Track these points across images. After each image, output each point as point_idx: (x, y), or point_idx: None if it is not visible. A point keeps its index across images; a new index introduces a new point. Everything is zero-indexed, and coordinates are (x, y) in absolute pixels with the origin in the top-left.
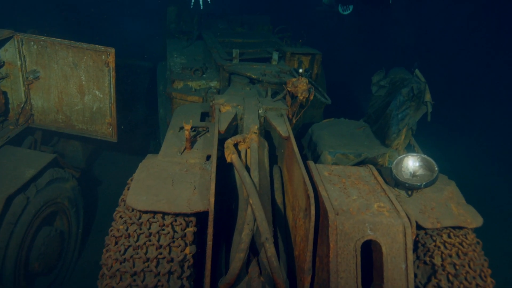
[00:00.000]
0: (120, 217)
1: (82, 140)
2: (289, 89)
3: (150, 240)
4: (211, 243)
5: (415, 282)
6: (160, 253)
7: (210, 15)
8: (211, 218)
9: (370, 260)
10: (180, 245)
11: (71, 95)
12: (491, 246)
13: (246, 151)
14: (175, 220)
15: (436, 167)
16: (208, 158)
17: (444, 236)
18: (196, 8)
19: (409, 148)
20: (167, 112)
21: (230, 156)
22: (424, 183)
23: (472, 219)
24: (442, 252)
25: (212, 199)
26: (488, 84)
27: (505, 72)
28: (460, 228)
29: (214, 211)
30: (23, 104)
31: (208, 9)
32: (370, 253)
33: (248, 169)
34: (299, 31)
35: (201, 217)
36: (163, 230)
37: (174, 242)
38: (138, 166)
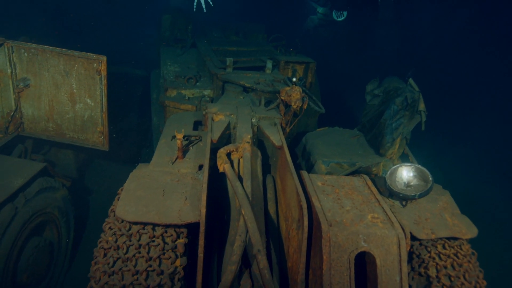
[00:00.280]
0: (109, 228)
1: (74, 149)
2: (282, 98)
3: (139, 252)
4: (202, 255)
5: None
6: (150, 265)
7: (204, 23)
8: (202, 229)
9: (364, 272)
10: (171, 257)
11: (62, 103)
12: (486, 257)
13: (239, 160)
14: (166, 231)
15: (431, 177)
16: (201, 167)
17: (439, 247)
18: (199, 11)
19: (403, 158)
20: (161, 120)
21: (223, 165)
22: (418, 194)
23: (467, 229)
24: (437, 263)
25: (204, 210)
26: (482, 93)
27: (499, 81)
28: (455, 238)
29: (205, 222)
30: (13, 112)
31: (203, 16)
32: (364, 265)
33: (240, 179)
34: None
35: (192, 227)
36: (153, 241)
37: (164, 254)
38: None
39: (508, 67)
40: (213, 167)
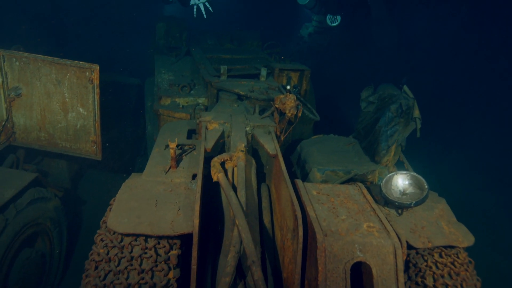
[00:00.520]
0: (101, 240)
1: (67, 158)
2: (277, 106)
3: (131, 265)
4: (195, 267)
5: None
6: (142, 278)
7: (199, 30)
8: (195, 240)
9: (361, 282)
10: (163, 269)
11: (54, 113)
12: (483, 264)
13: (233, 169)
14: (159, 243)
15: (426, 185)
16: (194, 177)
17: (436, 256)
18: (199, 18)
19: (398, 165)
20: (155, 129)
21: (217, 175)
22: (414, 202)
23: (464, 237)
24: (434, 272)
25: (197, 221)
26: (478, 100)
27: (494, 87)
28: (452, 247)
29: (199, 232)
30: (4, 122)
31: (197, 24)
32: (360, 275)
33: (235, 188)
34: (288, 46)
35: (186, 238)
36: (146, 253)
37: (157, 266)
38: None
39: (502, 73)
40: (207, 176)
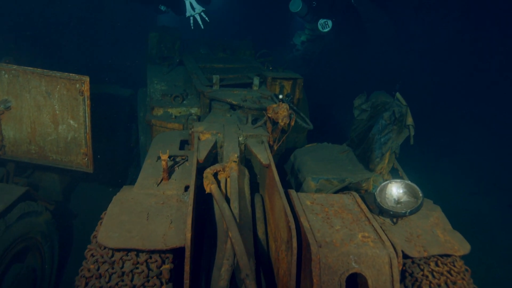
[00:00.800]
0: (91, 255)
1: (59, 171)
2: (269, 115)
3: (123, 280)
4: (188, 281)
5: None
6: None
7: (192, 40)
8: (187, 254)
9: None
10: (155, 284)
11: (44, 125)
12: (480, 272)
13: (226, 180)
14: (150, 257)
15: (421, 193)
16: (187, 188)
17: (432, 265)
18: (195, 28)
19: (393, 172)
20: (148, 139)
21: (209, 186)
22: (409, 211)
23: (460, 246)
24: (431, 281)
25: (189, 234)
26: (471, 106)
27: (488, 93)
28: (448, 255)
29: (192, 246)
30: None
31: (190, 34)
32: (356, 286)
33: (228, 199)
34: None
35: (179, 251)
36: (137, 268)
37: (149, 281)
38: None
39: (495, 80)
40: (200, 186)
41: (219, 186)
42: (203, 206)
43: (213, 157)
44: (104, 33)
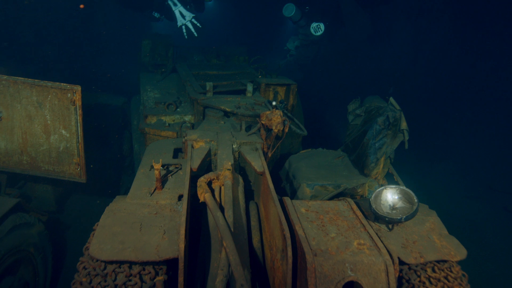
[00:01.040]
0: (83, 268)
1: (53, 181)
2: (263, 122)
3: None
4: None
5: None
6: None
7: (185, 47)
8: (181, 266)
9: None
10: None
11: (36, 136)
12: (475, 275)
13: (220, 188)
14: (144, 269)
15: (416, 199)
16: (180, 198)
17: (429, 271)
18: (190, 37)
19: (388, 177)
20: (142, 147)
21: (203, 195)
22: (404, 217)
23: (456, 251)
24: (428, 287)
25: (182, 245)
26: (464, 111)
27: (481, 97)
28: (445, 261)
29: (185, 256)
30: None
31: (184, 41)
32: None
33: (222, 208)
34: (275, 60)
35: (173, 262)
36: (130, 281)
37: None
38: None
39: (488, 84)
40: (194, 195)
41: (213, 195)
42: (197, 215)
43: (207, 165)
44: (98, 41)
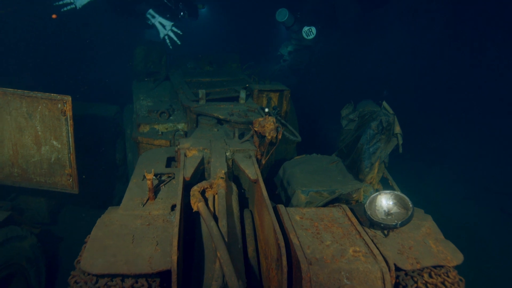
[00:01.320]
0: (75, 282)
1: (46, 192)
2: (256, 129)
3: None
4: None
5: None
6: None
7: (178, 54)
8: (174, 278)
9: None
10: None
11: (26, 147)
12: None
13: (214, 197)
14: (136, 282)
15: (411, 204)
16: (173, 208)
17: (426, 276)
18: (174, 46)
19: (383, 181)
20: (136, 156)
21: (197, 204)
22: (399, 222)
23: (452, 256)
24: None
25: (175, 257)
26: (459, 114)
27: (476, 101)
28: (441, 266)
29: (179, 268)
30: None
31: (177, 48)
32: None
33: (216, 217)
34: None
35: (166, 274)
36: None
37: None
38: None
39: (483, 85)
40: (187, 204)
41: (207, 204)
42: (191, 224)
43: (200, 173)
44: (90, 50)
